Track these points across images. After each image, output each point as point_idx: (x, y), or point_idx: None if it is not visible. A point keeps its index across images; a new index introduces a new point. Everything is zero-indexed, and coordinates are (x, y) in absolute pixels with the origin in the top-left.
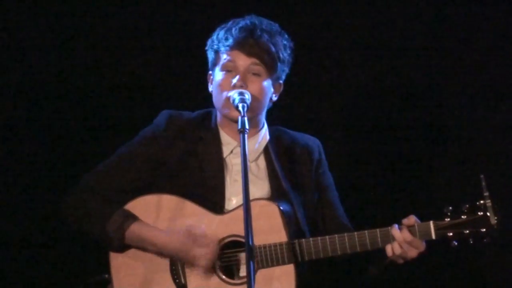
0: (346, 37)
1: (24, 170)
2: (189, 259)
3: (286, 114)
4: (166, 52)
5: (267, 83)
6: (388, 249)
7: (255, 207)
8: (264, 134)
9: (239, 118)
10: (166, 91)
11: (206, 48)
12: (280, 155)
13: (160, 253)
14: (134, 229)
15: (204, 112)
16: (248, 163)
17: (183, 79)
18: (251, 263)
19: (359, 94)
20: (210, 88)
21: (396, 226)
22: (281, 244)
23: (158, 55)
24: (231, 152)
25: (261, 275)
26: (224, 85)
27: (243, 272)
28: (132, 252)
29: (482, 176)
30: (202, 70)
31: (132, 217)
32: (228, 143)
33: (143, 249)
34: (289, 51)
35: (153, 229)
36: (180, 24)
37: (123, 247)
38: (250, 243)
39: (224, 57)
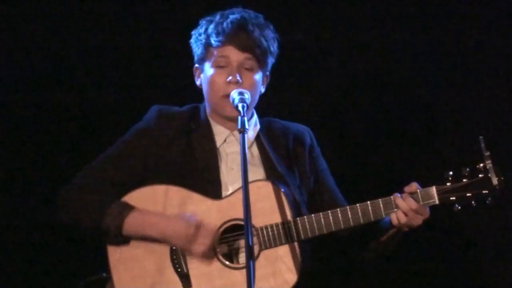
0: (335, 28)
1: (21, 170)
2: (186, 245)
3: (275, 107)
4: (152, 48)
5: (258, 77)
6: (393, 217)
7: (252, 189)
8: (255, 122)
9: (239, 118)
10: (155, 87)
11: (191, 41)
12: (272, 142)
13: (160, 238)
14: (133, 216)
15: (192, 107)
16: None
17: (169, 74)
18: (251, 263)
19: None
20: (198, 82)
21: (398, 194)
22: (282, 223)
23: (145, 52)
24: (225, 141)
25: (264, 256)
26: (219, 82)
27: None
28: (130, 245)
29: (481, 137)
30: (187, 63)
31: (130, 206)
32: (221, 132)
33: (142, 236)
34: (276, 43)
35: (153, 214)
36: (164, 19)
37: (120, 238)
38: (250, 243)
39: (216, 52)
